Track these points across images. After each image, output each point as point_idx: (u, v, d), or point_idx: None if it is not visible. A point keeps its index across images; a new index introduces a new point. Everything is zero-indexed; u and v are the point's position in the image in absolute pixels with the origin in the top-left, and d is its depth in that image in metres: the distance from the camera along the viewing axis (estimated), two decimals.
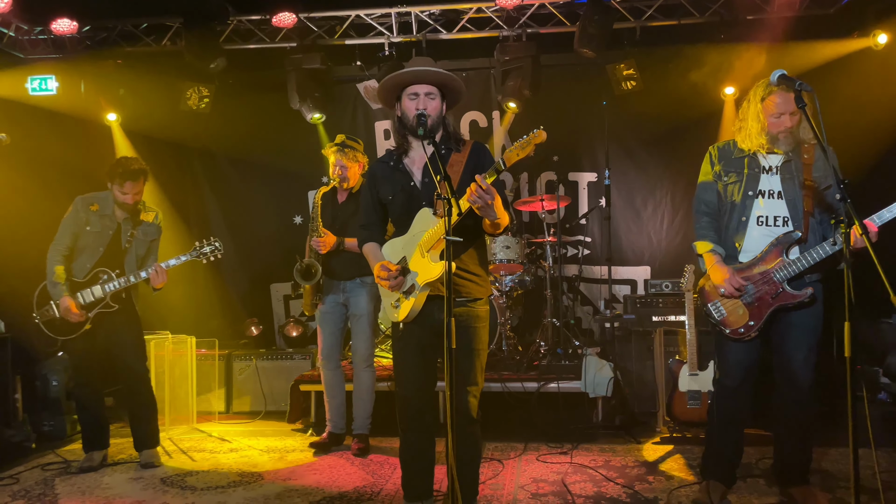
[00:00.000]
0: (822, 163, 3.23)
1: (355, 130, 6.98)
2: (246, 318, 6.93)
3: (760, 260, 3.26)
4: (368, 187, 3.24)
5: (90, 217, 4.42)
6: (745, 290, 3.24)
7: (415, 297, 2.99)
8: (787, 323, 3.28)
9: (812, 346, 3.27)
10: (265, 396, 5.93)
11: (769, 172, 3.31)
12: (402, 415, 3.12)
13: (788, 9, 5.79)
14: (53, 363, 5.37)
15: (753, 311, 3.26)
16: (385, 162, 3.20)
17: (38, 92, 6.17)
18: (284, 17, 6.00)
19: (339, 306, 4.72)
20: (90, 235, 4.40)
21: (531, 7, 6.08)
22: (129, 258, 4.43)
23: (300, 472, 4.31)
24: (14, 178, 5.49)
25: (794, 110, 3.13)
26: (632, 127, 6.51)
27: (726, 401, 3.47)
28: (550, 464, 4.28)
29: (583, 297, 6.81)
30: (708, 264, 3.37)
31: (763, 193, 3.29)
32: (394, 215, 3.18)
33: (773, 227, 3.27)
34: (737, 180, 3.34)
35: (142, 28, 6.39)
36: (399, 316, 3.05)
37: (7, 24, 6.07)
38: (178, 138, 6.92)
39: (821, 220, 3.28)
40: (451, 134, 3.12)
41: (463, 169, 3.04)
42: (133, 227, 4.47)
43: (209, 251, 4.36)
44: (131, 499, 3.91)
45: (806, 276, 3.23)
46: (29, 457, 4.73)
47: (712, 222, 3.44)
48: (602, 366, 5.11)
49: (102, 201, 4.46)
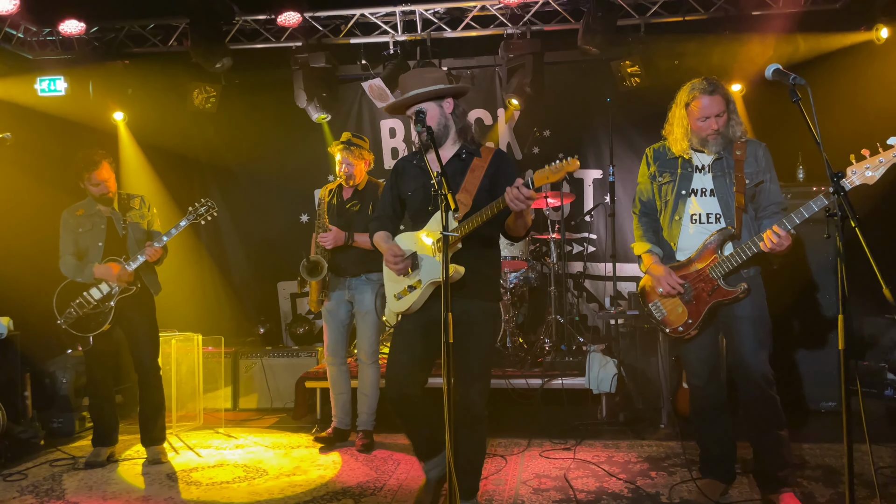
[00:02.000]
0: (754, 159, 3.28)
1: (361, 129, 7.01)
2: (253, 315, 6.98)
3: (696, 258, 3.30)
4: (390, 181, 3.36)
5: (79, 221, 4.54)
6: (683, 288, 3.28)
7: (419, 292, 3.04)
8: (732, 317, 3.30)
9: (761, 339, 3.26)
10: (271, 393, 5.97)
11: (702, 171, 3.36)
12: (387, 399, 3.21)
13: (794, 4, 5.77)
14: (62, 361, 5.44)
15: (692, 309, 3.29)
16: (409, 159, 3.32)
17: (46, 93, 6.22)
18: (290, 16, 6.02)
19: (345, 303, 4.75)
20: (85, 235, 4.50)
21: (535, 4, 6.08)
22: (130, 244, 4.51)
23: (304, 467, 4.34)
24: (22, 178, 5.56)
25: (721, 112, 3.24)
26: (636, 123, 6.50)
27: (699, 400, 3.52)
28: (553, 459, 4.29)
29: (588, 294, 6.80)
30: (645, 265, 3.43)
31: (696, 192, 3.34)
32: (412, 210, 3.28)
33: (707, 225, 3.31)
34: (670, 180, 3.40)
35: (148, 29, 6.44)
36: (401, 308, 3.13)
37: (16, 25, 6.14)
38: (185, 138, 6.97)
39: (754, 216, 3.31)
40: (469, 138, 3.21)
41: (483, 174, 3.11)
42: (123, 215, 4.55)
43: (204, 211, 4.38)
44: (137, 493, 3.96)
45: (742, 272, 3.25)
46: (37, 453, 4.78)
47: (650, 223, 3.52)
48: (606, 362, 5.11)
49: (85, 205, 4.59)
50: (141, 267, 4.45)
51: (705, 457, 3.60)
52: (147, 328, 4.60)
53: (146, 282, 4.56)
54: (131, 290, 4.44)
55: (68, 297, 4.44)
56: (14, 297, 5.25)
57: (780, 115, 4.74)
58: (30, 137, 5.58)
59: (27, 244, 5.49)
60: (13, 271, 5.36)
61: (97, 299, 4.41)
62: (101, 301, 4.41)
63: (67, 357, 5.45)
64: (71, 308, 4.41)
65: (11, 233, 5.45)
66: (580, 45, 5.90)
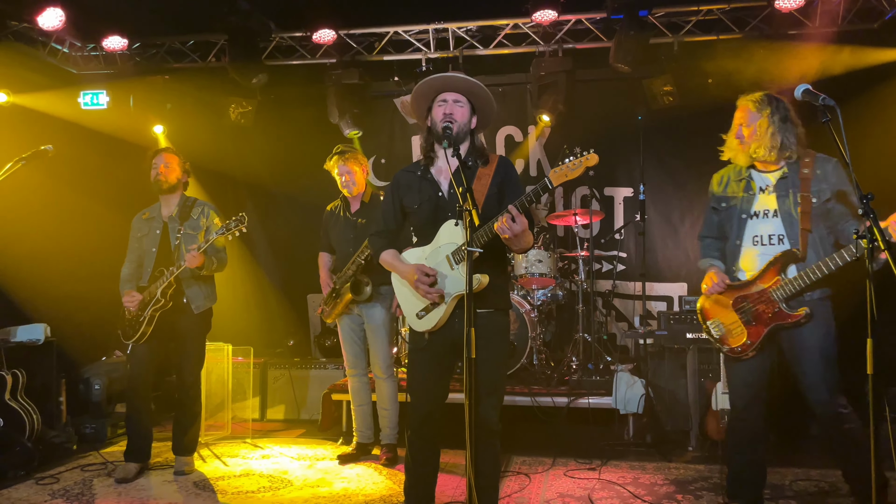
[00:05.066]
0: (824, 176, 3.20)
1: (392, 145, 7.09)
2: (282, 327, 7.06)
3: (758, 278, 3.25)
4: (391, 195, 3.24)
5: (141, 225, 4.61)
6: (722, 286, 3.30)
7: (445, 308, 3.01)
8: (797, 344, 3.21)
9: (827, 366, 3.15)
10: (298, 405, 6.02)
11: (765, 191, 3.32)
12: (410, 421, 3.16)
13: (831, 23, 5.69)
14: (97, 367, 5.57)
15: (751, 330, 3.24)
16: (411, 171, 3.22)
17: (89, 106, 6.40)
18: (324, 33, 6.13)
19: (355, 317, 4.77)
20: (142, 241, 4.56)
21: (567, 23, 6.10)
22: (181, 253, 4.41)
23: (329, 479, 4.36)
24: (62, 189, 5.72)
25: (748, 123, 3.27)
26: (669, 142, 6.47)
27: (735, 422, 3.46)
28: (578, 479, 4.25)
29: (618, 313, 6.75)
30: (705, 278, 3.42)
31: (758, 214, 3.31)
32: (417, 225, 3.19)
33: (769, 247, 3.27)
34: (734, 203, 3.39)
35: (188, 45, 6.61)
36: (426, 326, 3.07)
37: (61, 41, 6.35)
38: (221, 151, 7.10)
39: (822, 237, 3.21)
40: (477, 148, 3.15)
41: (490, 182, 3.07)
42: (180, 222, 4.52)
43: (234, 226, 4.26)
44: (164, 500, 4.02)
45: (806, 295, 3.17)
46: (70, 458, 4.88)
47: (714, 243, 3.53)
48: (633, 382, 5.06)
49: (153, 208, 4.66)
50: (186, 280, 4.42)
51: (733, 478, 3.52)
52: (193, 343, 4.54)
53: (188, 296, 4.46)
54: (161, 302, 4.34)
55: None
56: (51, 305, 5.40)
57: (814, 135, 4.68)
58: (71, 150, 5.74)
59: (65, 253, 5.64)
60: (51, 279, 5.51)
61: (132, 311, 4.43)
62: (137, 312, 4.41)
63: (102, 364, 5.58)
64: (124, 312, 4.47)
65: (51, 242, 5.61)
66: (612, 63, 5.89)
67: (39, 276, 5.49)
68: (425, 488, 3.22)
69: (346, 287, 4.65)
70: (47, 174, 5.38)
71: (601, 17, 6.00)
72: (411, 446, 3.19)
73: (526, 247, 2.95)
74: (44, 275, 5.49)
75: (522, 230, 2.78)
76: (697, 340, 5.21)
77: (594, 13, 6.00)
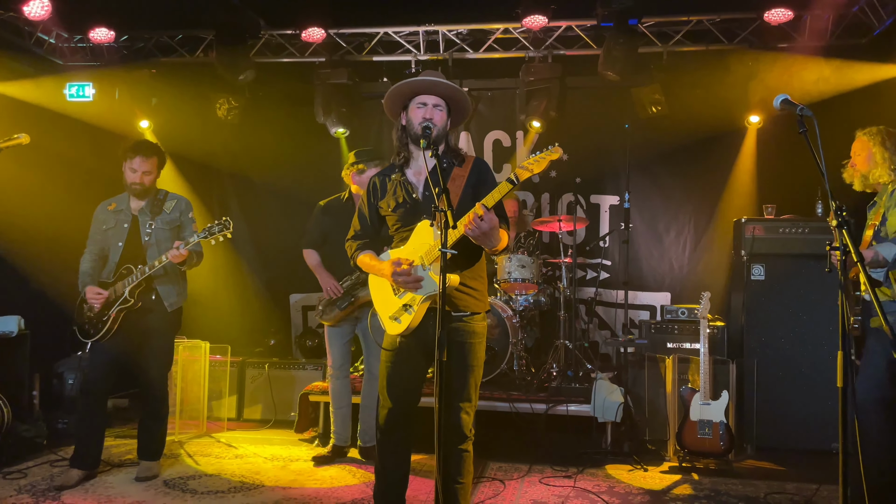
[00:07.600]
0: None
1: (380, 146, 7.03)
2: (264, 326, 6.98)
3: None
4: (368, 199, 3.21)
5: (107, 216, 4.37)
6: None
7: (415, 311, 2.98)
8: None
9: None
10: (275, 405, 5.95)
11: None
12: (379, 424, 3.12)
13: (819, 37, 5.72)
14: (71, 362, 5.49)
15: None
16: (386, 175, 3.19)
17: (75, 98, 6.35)
18: (314, 32, 6.10)
19: (350, 318, 4.74)
20: (108, 233, 4.34)
21: (558, 29, 6.10)
22: (152, 252, 4.23)
23: (301, 481, 4.31)
24: (40, 180, 5.63)
25: (859, 152, 3.45)
26: (656, 151, 6.45)
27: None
28: (553, 486, 4.21)
29: (601, 321, 6.73)
30: None
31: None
32: (394, 227, 3.16)
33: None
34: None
35: (176, 39, 6.56)
36: (398, 329, 3.03)
37: (48, 31, 6.28)
38: (207, 147, 7.05)
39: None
40: (451, 148, 3.12)
41: (465, 184, 3.05)
42: (152, 217, 4.32)
43: (217, 230, 4.02)
44: (132, 499, 3.96)
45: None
46: (40, 453, 4.80)
47: None
48: (612, 390, 5.03)
49: (120, 199, 4.41)
50: (159, 277, 4.24)
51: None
52: (159, 340, 4.33)
53: (161, 293, 4.28)
54: (130, 302, 4.15)
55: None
56: (26, 298, 5.32)
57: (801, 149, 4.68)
58: (55, 141, 5.68)
59: (42, 246, 5.56)
60: (26, 272, 5.44)
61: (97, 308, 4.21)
62: (101, 310, 4.20)
63: (76, 359, 5.49)
64: (84, 308, 4.27)
65: (27, 234, 5.51)
66: (601, 71, 5.90)
67: (15, 268, 5.42)
68: (395, 492, 3.18)
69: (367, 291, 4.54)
70: (25, 165, 5.28)
71: (591, 24, 6.01)
72: (381, 449, 3.14)
73: (496, 245, 2.90)
74: (18, 267, 5.41)
75: (490, 227, 2.75)
76: (678, 350, 5.21)
77: (584, 20, 6.00)
